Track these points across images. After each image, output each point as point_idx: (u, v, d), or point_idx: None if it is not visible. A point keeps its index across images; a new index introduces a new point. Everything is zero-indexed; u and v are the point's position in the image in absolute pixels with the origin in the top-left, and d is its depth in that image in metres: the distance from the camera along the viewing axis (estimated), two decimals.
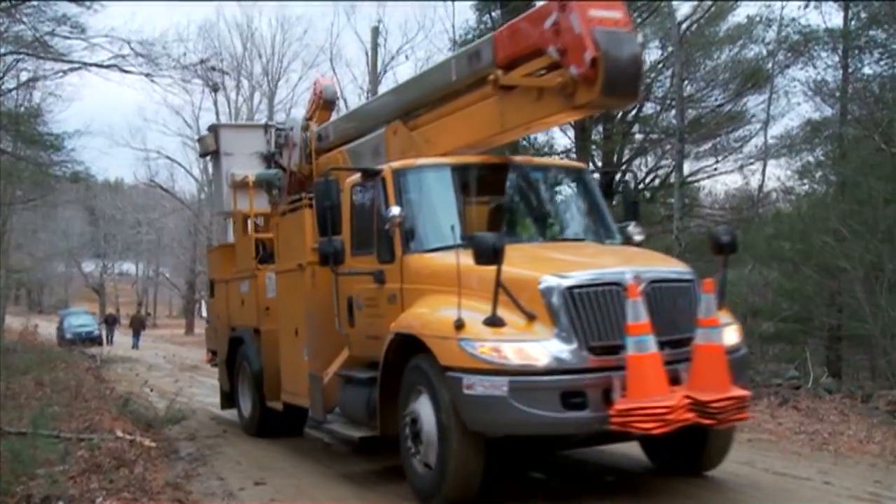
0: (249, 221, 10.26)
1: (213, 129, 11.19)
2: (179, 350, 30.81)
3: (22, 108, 22.34)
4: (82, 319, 35.58)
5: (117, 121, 70.89)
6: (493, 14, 24.55)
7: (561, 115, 6.39)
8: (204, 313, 14.01)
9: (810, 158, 18.93)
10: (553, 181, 7.54)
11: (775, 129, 23.33)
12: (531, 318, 5.39)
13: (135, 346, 34.33)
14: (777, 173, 32.35)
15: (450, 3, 34.77)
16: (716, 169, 22.52)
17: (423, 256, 6.37)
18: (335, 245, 6.69)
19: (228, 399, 10.62)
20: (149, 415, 10.31)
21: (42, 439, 7.19)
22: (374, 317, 6.70)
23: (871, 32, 16.58)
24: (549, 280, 5.45)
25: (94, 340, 31.30)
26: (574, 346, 5.32)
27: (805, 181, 18.69)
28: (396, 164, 6.94)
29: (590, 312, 5.37)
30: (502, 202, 7.22)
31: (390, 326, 6.19)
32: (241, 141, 10.78)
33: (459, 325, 5.41)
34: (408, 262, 6.39)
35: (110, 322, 34.34)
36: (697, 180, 23.39)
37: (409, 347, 5.97)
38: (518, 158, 8.13)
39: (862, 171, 13.81)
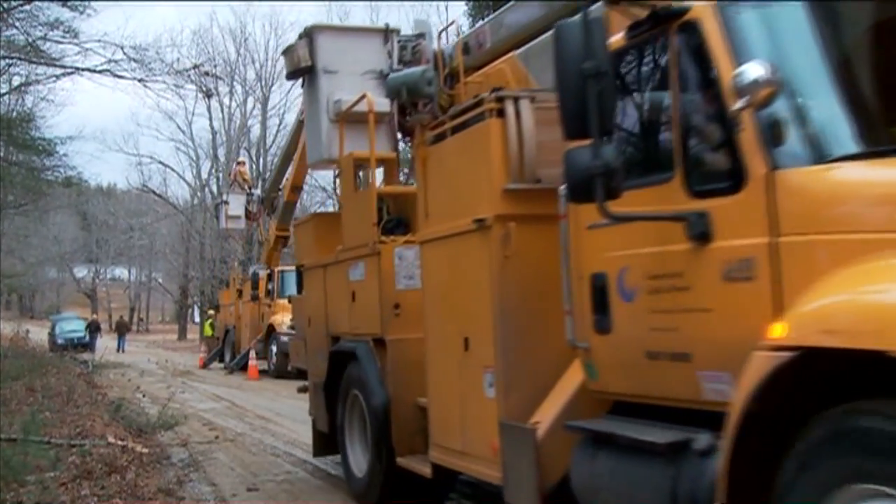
0: (370, 172, 6.75)
1: (309, 33, 7.55)
2: (172, 355, 30.69)
3: (14, 113, 22.27)
4: (74, 325, 35.46)
5: (110, 126, 70.78)
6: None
7: None
8: (197, 319, 13.48)
9: None
10: None
11: None
12: None
13: (120, 348, 34.53)
14: None
15: (443, 8, 34.77)
16: None
17: (828, 173, 3.00)
18: (606, 158, 3.25)
19: (327, 443, 7.40)
20: (141, 420, 10.26)
21: (33, 445, 7.15)
22: (678, 312, 3.45)
23: None
24: None
25: (86, 346, 31.19)
26: None
27: None
28: None
29: None
30: None
31: (774, 333, 2.80)
32: (349, 53, 7.45)
33: None
34: (790, 184, 3.01)
35: (94, 329, 34.24)
36: None
37: (817, 378, 2.77)
38: None
39: None
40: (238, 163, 27.44)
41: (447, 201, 5.09)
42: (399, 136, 7.32)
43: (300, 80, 7.89)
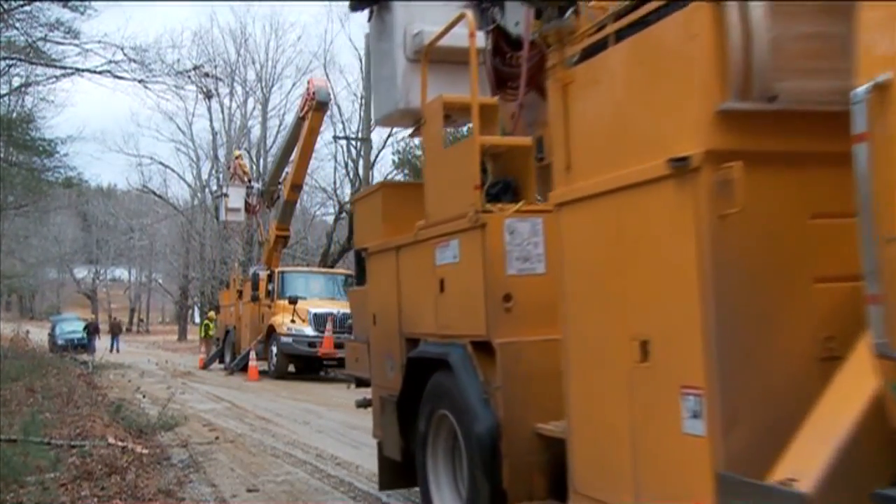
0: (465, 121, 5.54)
1: None
2: (172, 356, 30.70)
3: (14, 114, 22.28)
4: (74, 326, 35.52)
5: (110, 126, 70.74)
6: None
7: None
8: (197, 319, 13.39)
9: None
10: None
11: None
12: None
13: (114, 348, 34.74)
14: None
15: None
16: None
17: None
18: None
19: (398, 474, 5.97)
20: (141, 421, 10.25)
21: (33, 446, 7.15)
22: None
23: None
24: None
25: (85, 347, 31.23)
26: None
27: None
28: None
29: None
30: None
31: None
32: None
33: None
34: None
35: (92, 330, 34.25)
36: None
37: None
38: None
39: None
40: (237, 156, 27.53)
41: (607, 142, 3.46)
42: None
43: (366, 12, 6.31)
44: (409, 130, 6.57)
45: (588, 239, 3.59)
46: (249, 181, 25.65)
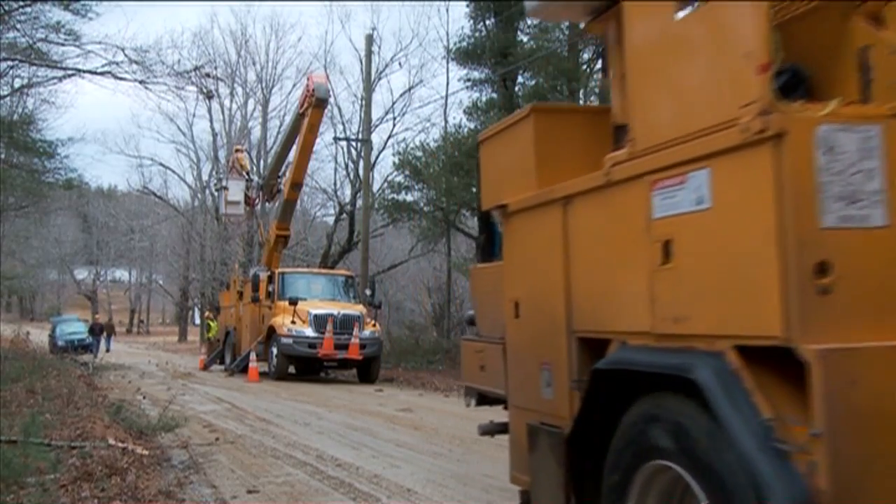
0: None
1: None
2: (172, 357, 30.69)
3: (15, 115, 22.32)
4: (74, 327, 35.54)
5: (111, 128, 71.00)
6: (488, 22, 24.69)
7: None
8: (197, 321, 13.27)
9: None
10: None
11: None
12: None
13: (107, 348, 34.85)
14: None
15: (444, 11, 34.73)
16: None
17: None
18: None
19: None
20: (141, 422, 10.24)
21: (33, 447, 7.14)
22: None
23: None
24: None
25: (87, 348, 31.23)
26: None
27: None
28: None
29: None
30: None
31: None
32: None
33: None
34: None
35: (97, 331, 33.99)
36: None
37: None
38: None
39: None
40: (236, 149, 27.54)
41: None
42: None
43: None
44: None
45: None
46: (248, 175, 25.68)
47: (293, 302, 19.55)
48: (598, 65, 23.04)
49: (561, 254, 3.91)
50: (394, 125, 32.72)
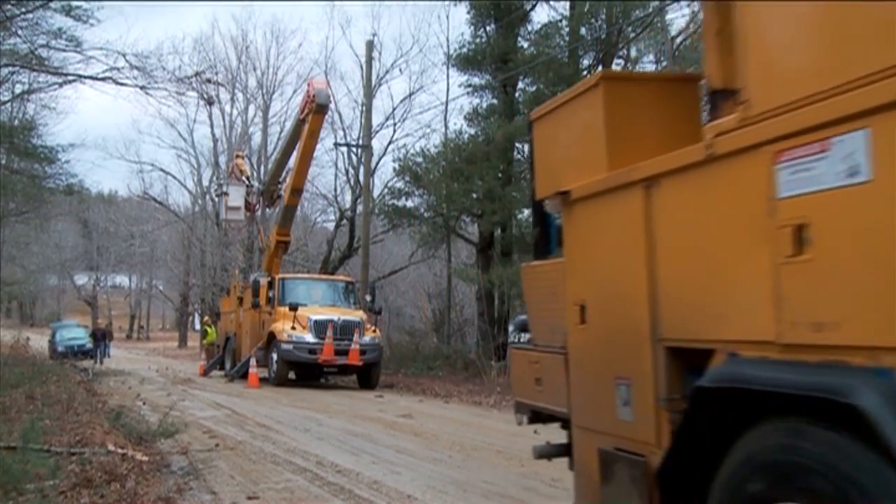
0: None
1: None
2: (172, 363, 30.68)
3: (16, 121, 22.36)
4: (74, 332, 35.48)
5: (111, 133, 71.23)
6: (489, 28, 24.73)
7: None
8: (198, 326, 13.23)
9: None
10: None
11: None
12: None
13: (107, 355, 34.88)
14: None
15: (445, 17, 34.77)
16: None
17: None
18: None
19: None
20: (141, 428, 10.22)
21: (32, 453, 7.13)
22: None
23: None
24: None
25: (87, 354, 31.19)
26: None
27: None
28: None
29: None
30: None
31: None
32: None
33: None
34: None
35: (99, 337, 33.71)
36: None
37: None
38: None
39: None
40: (237, 155, 27.56)
41: None
42: None
43: None
44: None
45: None
46: (248, 180, 25.70)
47: (293, 308, 19.54)
48: (599, 70, 23.08)
49: (643, 246, 3.26)
50: (394, 131, 32.80)
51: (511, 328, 5.13)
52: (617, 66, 23.05)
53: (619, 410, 3.48)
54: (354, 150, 31.01)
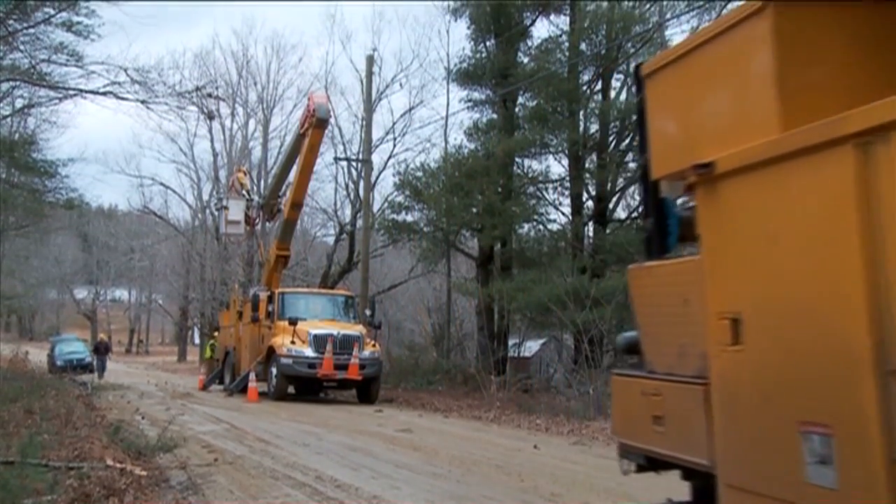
0: None
1: None
2: (171, 377, 30.60)
3: (16, 135, 22.42)
4: (74, 346, 35.36)
5: (112, 147, 71.42)
6: (488, 43, 24.84)
7: None
8: (197, 340, 13.20)
9: None
10: None
11: None
12: None
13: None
14: None
15: (445, 32, 34.92)
16: None
17: None
18: None
19: None
20: (140, 443, 10.19)
21: (31, 468, 7.10)
22: None
23: None
24: None
25: (86, 368, 31.09)
26: None
27: None
28: None
29: None
30: None
31: None
32: None
33: None
34: None
35: (101, 350, 33.56)
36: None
37: None
38: None
39: None
40: (237, 169, 27.60)
41: None
42: None
43: None
44: None
45: None
46: (248, 194, 25.73)
47: (293, 322, 19.51)
48: (598, 86, 23.18)
49: (856, 232, 2.28)
50: (394, 145, 32.82)
51: (617, 344, 4.15)
52: (617, 81, 23.17)
53: (810, 471, 2.50)
54: (354, 164, 31.07)
